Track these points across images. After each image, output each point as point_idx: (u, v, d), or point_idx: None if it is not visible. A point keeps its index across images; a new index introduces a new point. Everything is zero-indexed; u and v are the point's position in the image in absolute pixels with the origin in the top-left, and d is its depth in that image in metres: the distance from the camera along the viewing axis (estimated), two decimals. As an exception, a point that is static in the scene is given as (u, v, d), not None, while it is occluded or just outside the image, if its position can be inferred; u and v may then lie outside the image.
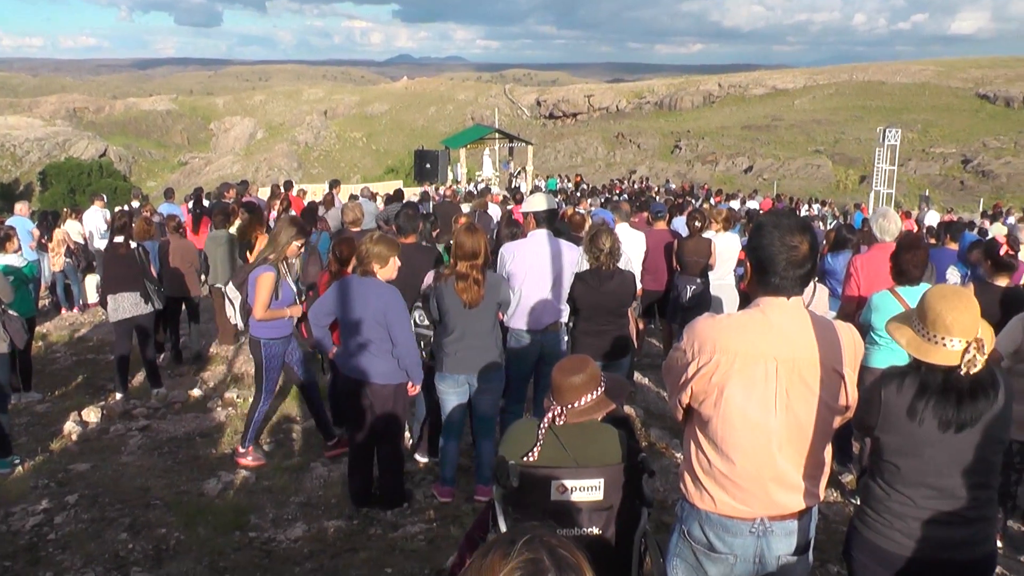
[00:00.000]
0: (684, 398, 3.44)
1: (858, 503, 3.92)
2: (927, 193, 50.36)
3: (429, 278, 7.26)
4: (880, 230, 7.51)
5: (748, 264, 3.43)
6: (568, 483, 4.09)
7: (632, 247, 9.93)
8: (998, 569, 6.07)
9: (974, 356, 3.41)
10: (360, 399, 6.82)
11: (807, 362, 3.30)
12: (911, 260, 6.33)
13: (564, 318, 7.70)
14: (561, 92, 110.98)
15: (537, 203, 7.87)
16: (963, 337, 3.42)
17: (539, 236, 7.61)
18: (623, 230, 10.25)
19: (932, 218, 27.17)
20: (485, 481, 6.93)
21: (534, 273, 7.44)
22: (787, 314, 3.34)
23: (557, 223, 10.45)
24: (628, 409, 9.36)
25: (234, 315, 8.26)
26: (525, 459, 4.12)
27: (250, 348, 8.27)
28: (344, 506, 7.15)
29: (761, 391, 3.29)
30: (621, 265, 7.82)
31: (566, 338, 7.78)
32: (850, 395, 3.41)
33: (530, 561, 1.79)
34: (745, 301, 4.42)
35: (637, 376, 10.64)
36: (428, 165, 38.83)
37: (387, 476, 7.12)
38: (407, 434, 8.31)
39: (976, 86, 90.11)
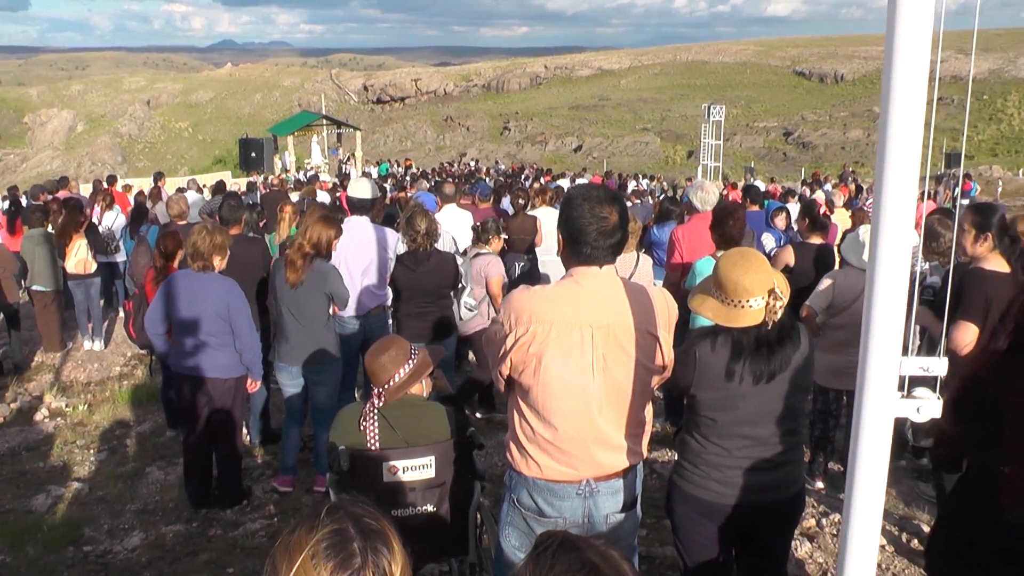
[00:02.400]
0: (504, 369, 3.50)
1: (675, 458, 4.05)
2: (752, 165, 52.28)
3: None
4: (700, 201, 7.76)
5: (560, 236, 3.49)
6: (399, 463, 4.14)
7: (458, 228, 9.98)
8: (820, 507, 6.39)
9: (774, 306, 3.59)
10: (197, 397, 6.68)
11: (622, 327, 3.39)
12: (733, 226, 6.57)
13: (388, 302, 7.72)
14: (388, 76, 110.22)
15: (355, 189, 7.87)
16: (762, 294, 3.59)
17: (356, 222, 7.64)
18: (449, 211, 10.29)
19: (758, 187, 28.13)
20: (323, 471, 6.88)
21: (352, 259, 7.47)
22: (600, 282, 3.42)
23: (390, 207, 10.38)
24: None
25: None
26: (370, 445, 4.15)
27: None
28: (183, 509, 6.97)
29: (578, 357, 3.37)
30: (444, 247, 7.86)
31: (390, 321, 7.79)
32: (666, 355, 3.54)
33: (335, 531, 1.81)
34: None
35: (472, 356, 10.69)
36: (253, 154, 37.83)
37: (226, 474, 7.00)
38: (244, 430, 8.16)
39: (793, 64, 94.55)
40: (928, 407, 2.49)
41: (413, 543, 4.22)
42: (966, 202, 17.79)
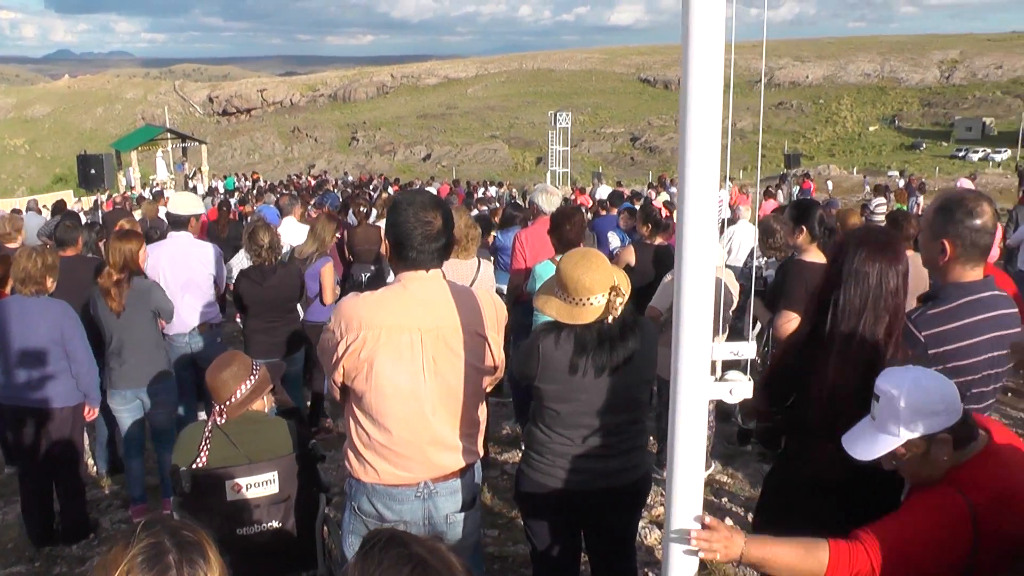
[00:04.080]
0: (337, 377, 3.54)
1: (523, 448, 4.16)
2: (600, 170, 53.23)
3: None
4: (546, 203, 7.88)
5: (387, 242, 3.56)
6: (243, 480, 4.09)
7: (299, 241, 9.90)
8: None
9: (615, 302, 3.71)
10: (33, 428, 6.36)
11: (450, 329, 3.48)
12: (570, 230, 6.68)
13: (216, 319, 7.55)
14: (233, 87, 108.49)
15: (174, 204, 7.74)
16: (603, 291, 3.71)
17: (177, 238, 7.47)
18: (289, 225, 10.21)
19: (603, 192, 28.68)
20: (170, 494, 6.73)
21: (172, 276, 7.26)
22: (427, 286, 3.50)
23: (236, 222, 10.18)
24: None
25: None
26: (195, 464, 4.10)
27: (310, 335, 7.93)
28: (23, 549, 6.61)
29: (409, 361, 3.43)
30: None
31: (219, 339, 7.63)
32: (496, 355, 3.65)
33: (151, 545, 1.81)
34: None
35: (322, 368, 10.59)
36: (93, 171, 36.40)
37: (69, 508, 6.68)
38: (89, 460, 7.90)
39: (638, 71, 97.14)
40: (740, 388, 2.65)
41: (261, 560, 4.23)
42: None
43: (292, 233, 9.83)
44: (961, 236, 3.42)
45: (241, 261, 8.24)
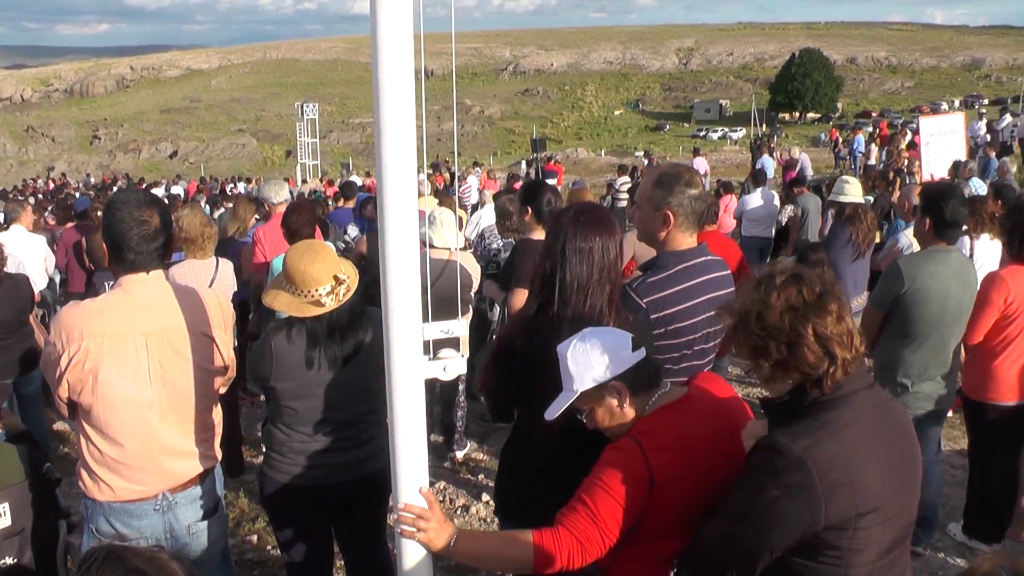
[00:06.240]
0: (63, 392, 3.40)
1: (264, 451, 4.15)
2: (350, 161, 52.91)
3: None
4: (275, 195, 7.86)
5: (104, 245, 3.46)
6: None
7: (31, 252, 9.41)
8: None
9: (338, 289, 3.73)
10: None
11: (175, 331, 3.43)
12: (298, 220, 6.69)
13: None
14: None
15: None
16: (329, 282, 3.72)
17: None
18: (17, 233, 9.66)
19: (356, 183, 28.67)
20: None
21: None
22: (149, 289, 3.42)
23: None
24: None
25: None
26: None
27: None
28: None
29: (134, 368, 3.35)
30: (13, 270, 7.40)
31: None
32: (225, 355, 3.63)
33: None
34: None
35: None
36: None
37: None
38: None
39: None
40: (453, 365, 2.76)
41: (-2, 602, 3.94)
42: (552, 182, 19.12)
43: (20, 243, 9.24)
44: (682, 205, 3.65)
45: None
